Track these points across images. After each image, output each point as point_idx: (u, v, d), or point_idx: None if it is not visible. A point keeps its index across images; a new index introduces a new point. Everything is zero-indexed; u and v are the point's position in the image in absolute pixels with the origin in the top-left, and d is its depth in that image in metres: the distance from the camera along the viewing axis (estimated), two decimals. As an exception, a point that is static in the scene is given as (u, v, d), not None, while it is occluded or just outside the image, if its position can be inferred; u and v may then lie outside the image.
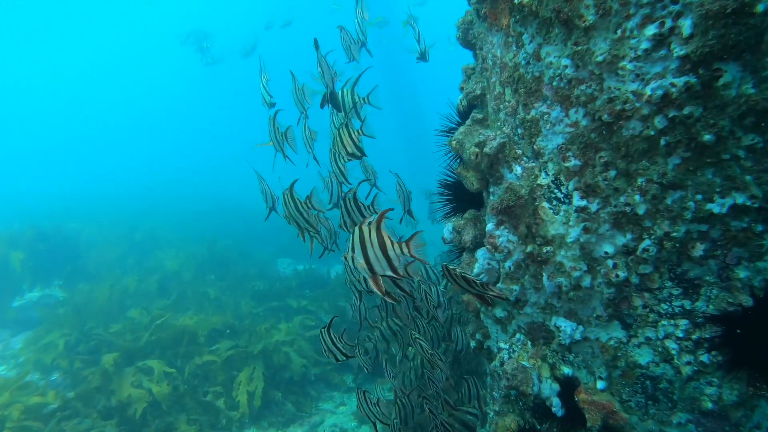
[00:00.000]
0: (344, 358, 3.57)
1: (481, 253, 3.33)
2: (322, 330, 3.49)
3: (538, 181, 2.74)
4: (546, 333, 3.12)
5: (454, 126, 3.48)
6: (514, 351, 3.24)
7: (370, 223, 2.30)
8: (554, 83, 2.41)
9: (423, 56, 4.55)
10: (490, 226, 2.86)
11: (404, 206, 4.57)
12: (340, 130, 3.60)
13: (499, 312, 3.48)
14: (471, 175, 3.24)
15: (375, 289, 2.35)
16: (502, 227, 2.81)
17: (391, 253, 2.30)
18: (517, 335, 3.34)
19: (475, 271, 3.27)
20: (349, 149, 3.75)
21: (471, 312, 4.02)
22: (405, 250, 2.28)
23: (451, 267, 2.77)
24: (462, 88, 3.49)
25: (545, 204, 2.75)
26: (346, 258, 2.37)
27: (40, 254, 11.16)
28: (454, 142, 3.07)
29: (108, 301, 9.74)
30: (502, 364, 3.18)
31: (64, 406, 6.68)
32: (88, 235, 13.25)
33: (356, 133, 3.70)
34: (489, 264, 3.26)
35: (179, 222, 16.45)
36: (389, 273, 2.33)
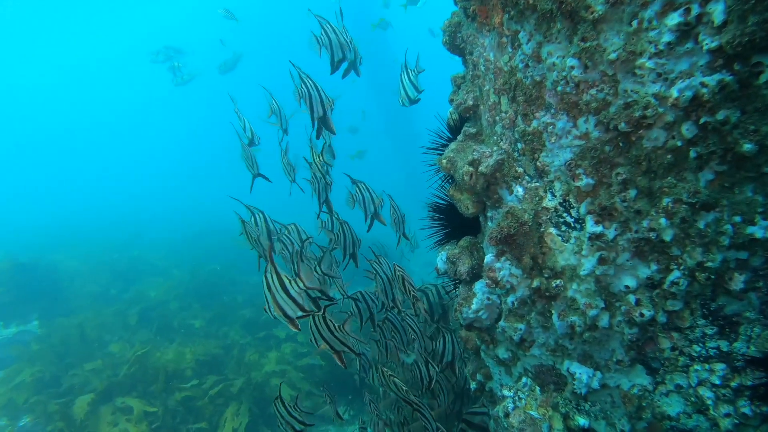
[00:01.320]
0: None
1: (479, 286, 2.91)
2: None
3: (544, 204, 2.35)
4: (557, 378, 2.70)
5: (444, 142, 3.10)
6: (520, 398, 2.80)
7: (270, 269, 2.23)
8: (559, 88, 2.04)
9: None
10: (489, 258, 2.45)
11: (398, 229, 4.26)
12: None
13: (502, 352, 3.05)
14: (465, 198, 2.85)
15: (293, 329, 2.32)
16: (503, 259, 2.41)
17: (292, 292, 2.29)
18: (524, 379, 2.91)
19: (474, 307, 2.86)
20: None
21: (470, 349, 3.59)
22: (301, 284, 2.28)
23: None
24: (452, 100, 3.13)
25: (552, 230, 2.35)
26: (265, 310, 2.28)
27: (16, 287, 10.65)
28: (444, 161, 2.69)
29: (87, 336, 9.22)
30: (507, 415, 2.74)
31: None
32: (69, 267, 12.75)
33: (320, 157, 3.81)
34: (489, 299, 2.85)
35: (164, 248, 15.95)
36: (300, 314, 2.31)
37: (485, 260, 2.45)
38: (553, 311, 2.42)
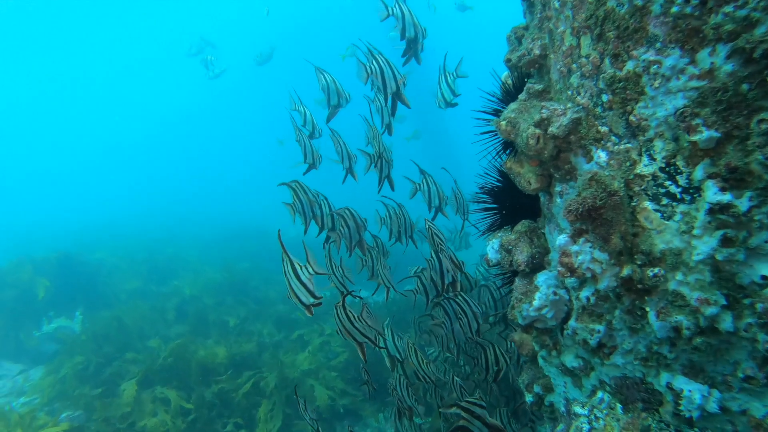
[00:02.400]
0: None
1: (543, 278, 2.40)
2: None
3: (637, 170, 1.82)
4: (647, 394, 2.15)
5: (498, 107, 2.60)
6: (597, 418, 2.26)
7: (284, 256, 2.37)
8: (674, 9, 1.51)
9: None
10: (562, 239, 1.94)
11: (463, 215, 4.18)
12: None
13: (570, 359, 2.52)
14: (527, 171, 2.34)
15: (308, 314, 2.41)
16: (581, 240, 1.89)
17: (303, 278, 2.41)
18: (600, 394, 2.37)
19: (536, 303, 2.35)
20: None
21: (525, 355, 3.06)
22: (311, 270, 2.41)
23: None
24: (508, 60, 2.63)
25: (648, 204, 1.82)
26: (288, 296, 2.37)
27: (63, 282, 10.83)
28: (503, 123, 2.19)
29: (127, 329, 9.23)
30: (582, 439, 2.21)
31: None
32: (111, 264, 12.95)
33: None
34: (555, 294, 2.33)
35: (199, 248, 16.04)
36: (312, 300, 2.42)
37: (558, 242, 1.94)
38: (648, 309, 1.89)
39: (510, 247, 2.56)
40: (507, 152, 2.52)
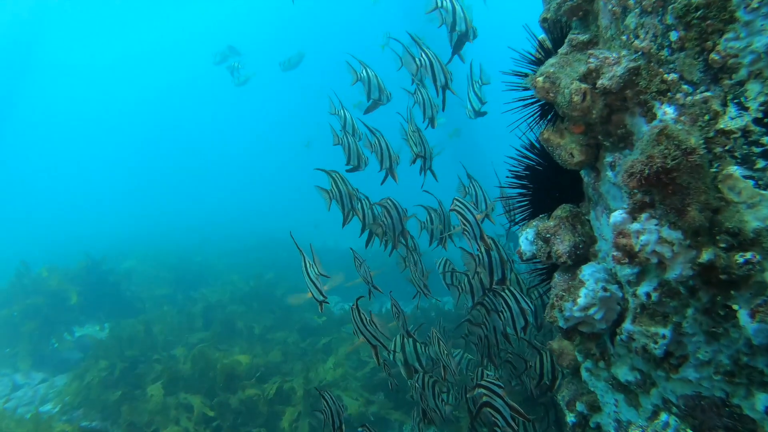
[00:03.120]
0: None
1: (590, 271, 1.97)
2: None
3: (720, 125, 1.40)
4: (733, 421, 1.69)
5: (533, 66, 2.18)
6: (662, 448, 1.80)
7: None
8: None
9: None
10: (618, 216, 1.52)
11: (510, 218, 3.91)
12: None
13: (623, 371, 2.07)
14: (568, 141, 1.93)
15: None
16: (645, 216, 1.47)
17: (311, 275, 2.73)
18: (663, 416, 1.91)
19: (582, 302, 1.92)
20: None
21: (566, 367, 2.61)
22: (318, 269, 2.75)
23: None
24: (544, 20, 2.24)
25: (735, 169, 1.39)
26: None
27: (90, 290, 10.89)
28: (540, 80, 1.79)
29: (153, 336, 9.18)
30: (644, 474, 1.76)
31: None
32: (139, 272, 13.07)
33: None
34: (605, 290, 1.90)
35: (226, 255, 16.07)
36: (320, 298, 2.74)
37: (612, 218, 1.52)
38: (736, 307, 1.44)
39: (548, 235, 2.14)
40: (544, 122, 2.12)
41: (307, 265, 2.75)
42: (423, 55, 3.57)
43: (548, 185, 2.39)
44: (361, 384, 7.37)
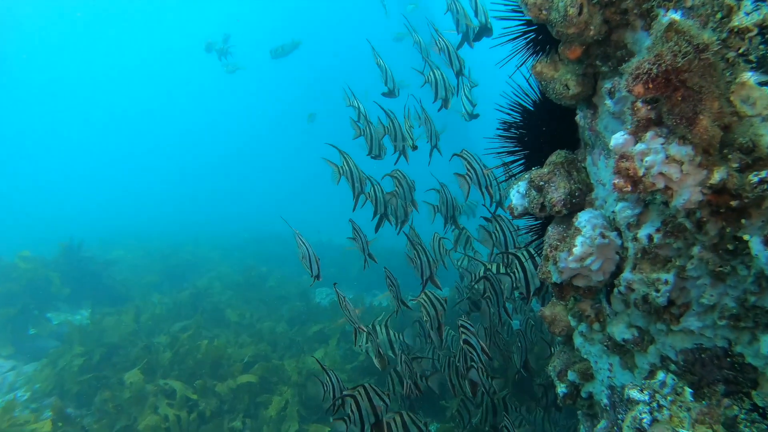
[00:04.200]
0: None
1: (586, 216, 1.80)
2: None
3: (734, 22, 1.23)
4: (733, 372, 1.52)
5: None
6: (660, 407, 1.62)
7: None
8: None
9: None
10: (620, 138, 1.34)
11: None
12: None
13: (620, 329, 1.89)
14: (563, 72, 1.75)
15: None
16: (651, 134, 1.29)
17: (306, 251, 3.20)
18: (660, 375, 1.74)
19: (578, 250, 1.74)
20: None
21: (558, 335, 2.44)
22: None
23: None
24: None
25: (749, 76, 1.22)
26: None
27: (72, 278, 10.62)
28: (532, -3, 1.61)
29: (136, 324, 8.94)
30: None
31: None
32: (126, 261, 12.82)
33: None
34: (603, 236, 1.72)
35: (218, 247, 15.84)
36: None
37: (613, 141, 1.34)
38: (747, 237, 1.27)
39: (542, 183, 1.97)
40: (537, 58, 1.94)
41: (303, 242, 3.09)
42: (441, 40, 3.94)
43: (541, 134, 2.22)
44: (348, 377, 7.19)
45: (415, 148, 4.08)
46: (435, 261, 3.43)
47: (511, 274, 2.70)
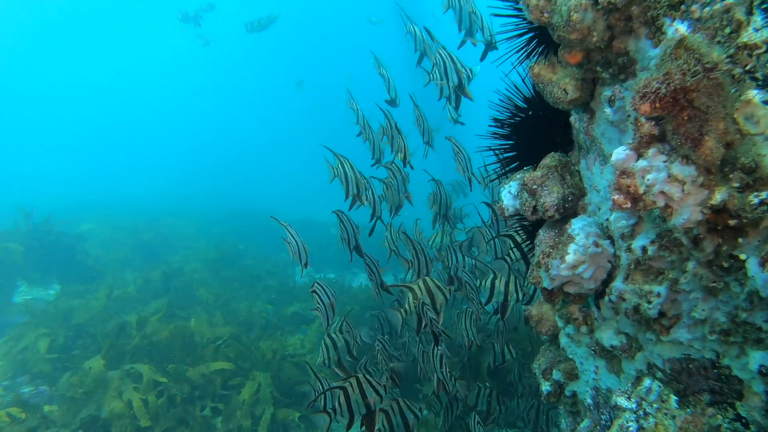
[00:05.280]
0: None
1: (580, 224, 1.78)
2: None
3: (743, 38, 1.19)
4: (719, 383, 1.54)
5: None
6: (646, 415, 1.65)
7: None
8: None
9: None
10: (621, 153, 1.31)
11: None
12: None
13: (608, 335, 1.90)
14: (562, 76, 1.71)
15: None
16: (653, 151, 1.26)
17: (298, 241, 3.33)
18: (646, 382, 1.76)
19: (570, 259, 1.72)
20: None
21: (544, 334, 2.46)
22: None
23: None
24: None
25: (755, 94, 1.20)
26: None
27: (39, 252, 10.22)
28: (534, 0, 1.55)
29: (105, 303, 8.67)
30: (627, 443, 1.60)
31: (42, 424, 5.48)
32: (97, 235, 12.38)
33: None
34: (597, 245, 1.71)
35: (194, 222, 15.47)
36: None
37: (614, 156, 1.31)
38: (743, 256, 1.27)
39: (534, 186, 1.94)
40: (530, 51, 1.88)
41: (292, 234, 3.19)
42: (440, 54, 3.79)
43: (535, 133, 2.18)
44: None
45: (408, 161, 4.19)
46: (431, 260, 3.51)
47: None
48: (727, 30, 1.22)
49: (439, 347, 3.16)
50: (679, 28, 1.31)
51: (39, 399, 6.29)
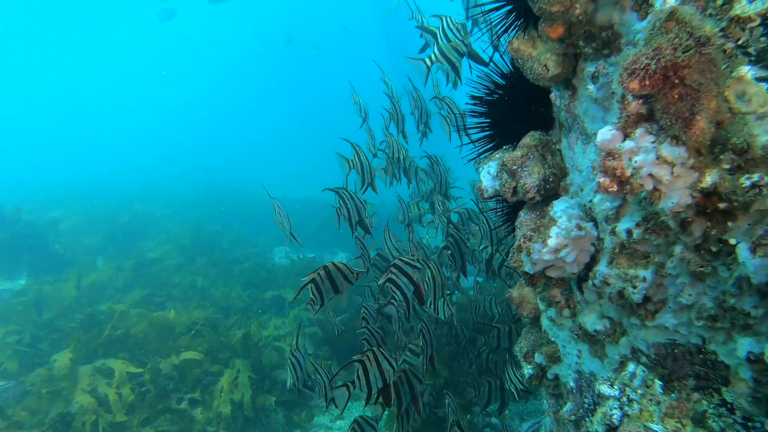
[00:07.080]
0: None
1: (562, 206, 1.71)
2: None
3: (735, 11, 1.11)
4: (705, 369, 1.51)
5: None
6: (631, 401, 1.62)
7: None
8: None
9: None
10: (607, 133, 1.22)
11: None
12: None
13: (591, 320, 1.86)
14: (542, 51, 1.60)
15: None
16: (641, 131, 1.18)
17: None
18: (630, 367, 1.72)
19: (552, 242, 1.66)
20: None
21: (525, 317, 2.41)
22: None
23: None
24: None
25: (747, 70, 1.12)
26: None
27: (4, 246, 9.82)
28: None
29: (75, 293, 8.37)
30: (612, 430, 1.57)
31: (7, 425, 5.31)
32: (67, 223, 11.93)
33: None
34: (579, 228, 1.64)
35: (168, 206, 15.04)
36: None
37: (599, 136, 1.23)
38: (733, 241, 1.21)
39: (515, 167, 1.85)
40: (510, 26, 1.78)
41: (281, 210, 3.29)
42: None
43: (514, 111, 2.09)
44: (310, 342, 7.10)
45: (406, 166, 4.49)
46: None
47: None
48: (719, 1, 1.13)
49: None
50: (672, 5, 1.22)
51: (8, 397, 6.08)
